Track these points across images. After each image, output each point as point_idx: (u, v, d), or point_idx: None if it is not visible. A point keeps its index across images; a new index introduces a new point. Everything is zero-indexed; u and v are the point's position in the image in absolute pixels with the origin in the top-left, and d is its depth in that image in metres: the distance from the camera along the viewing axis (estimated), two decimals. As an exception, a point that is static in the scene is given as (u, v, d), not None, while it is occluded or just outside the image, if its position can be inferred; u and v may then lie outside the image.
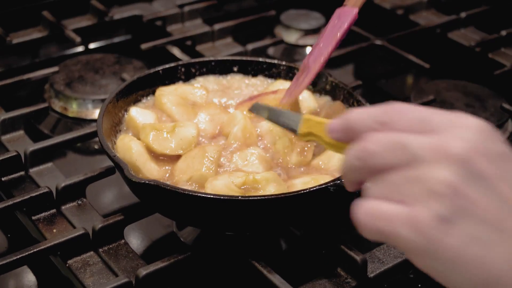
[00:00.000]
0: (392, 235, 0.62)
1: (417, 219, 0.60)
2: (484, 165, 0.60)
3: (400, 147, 0.62)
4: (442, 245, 0.59)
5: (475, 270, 0.60)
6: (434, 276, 0.63)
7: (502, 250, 0.59)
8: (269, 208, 0.90)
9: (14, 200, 1.01)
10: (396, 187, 0.62)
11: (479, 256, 0.59)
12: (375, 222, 0.63)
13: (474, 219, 0.59)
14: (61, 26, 1.53)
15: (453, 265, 0.60)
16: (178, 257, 0.92)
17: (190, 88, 1.13)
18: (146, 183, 0.87)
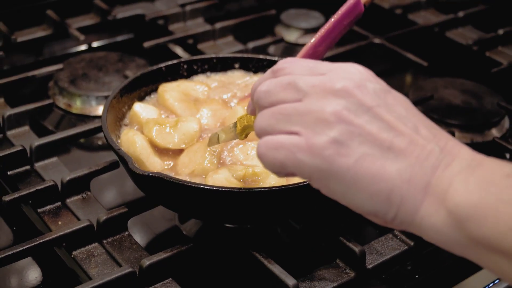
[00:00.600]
0: (292, 162, 0.70)
1: (313, 144, 0.69)
2: (365, 96, 0.70)
3: (292, 85, 0.72)
4: (338, 164, 0.68)
5: (372, 185, 0.67)
6: (339, 198, 0.70)
7: (392, 165, 0.67)
8: (270, 200, 0.92)
9: (20, 193, 1.03)
10: (290, 118, 0.71)
11: (373, 172, 0.67)
12: (275, 153, 0.71)
13: (362, 140, 0.68)
14: (65, 25, 1.55)
15: (352, 183, 0.68)
16: (181, 248, 0.94)
17: (192, 84, 1.15)
18: (150, 175, 0.89)
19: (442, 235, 0.67)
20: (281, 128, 0.71)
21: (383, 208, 0.68)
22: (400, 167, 0.67)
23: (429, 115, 1.32)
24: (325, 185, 0.70)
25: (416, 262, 1.01)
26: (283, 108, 0.72)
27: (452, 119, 1.31)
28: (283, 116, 0.72)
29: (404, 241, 1.01)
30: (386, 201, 0.68)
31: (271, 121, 0.73)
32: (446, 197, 0.66)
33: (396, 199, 0.67)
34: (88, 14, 1.62)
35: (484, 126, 1.32)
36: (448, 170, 0.67)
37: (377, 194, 0.68)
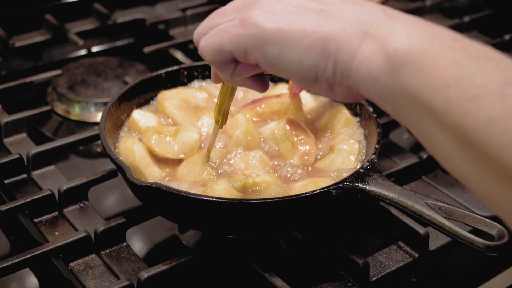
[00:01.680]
0: (228, 38, 0.74)
1: (245, 17, 0.73)
2: None
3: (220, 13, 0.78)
4: (268, 26, 0.71)
5: (304, 39, 0.69)
6: (278, 62, 0.72)
7: (325, 22, 0.70)
8: (271, 211, 0.89)
9: (16, 202, 1.01)
10: (224, 13, 0.76)
11: (305, 27, 0.69)
12: (213, 38, 0.75)
13: (293, 10, 0.71)
14: (64, 30, 1.53)
15: (285, 41, 0.71)
16: (180, 260, 0.92)
17: (192, 91, 1.13)
18: (148, 186, 0.87)
19: (377, 83, 0.66)
20: (218, 22, 0.76)
21: (320, 61, 0.69)
22: (333, 22, 0.69)
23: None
24: (261, 53, 0.72)
25: (421, 275, 0.99)
26: (216, 11, 0.78)
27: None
28: (218, 14, 0.77)
29: (409, 252, 0.99)
30: (322, 53, 0.69)
31: (208, 22, 0.78)
32: (386, 43, 0.66)
33: (332, 48, 0.68)
34: (88, 19, 1.60)
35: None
36: (390, 21, 0.67)
37: (312, 46, 0.69)
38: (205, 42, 0.77)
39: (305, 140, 1.03)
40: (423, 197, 0.87)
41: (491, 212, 1.08)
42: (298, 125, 1.04)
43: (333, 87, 0.72)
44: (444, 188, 1.13)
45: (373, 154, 0.95)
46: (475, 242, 0.81)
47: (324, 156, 1.03)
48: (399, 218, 1.00)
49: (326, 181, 0.95)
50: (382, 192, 0.89)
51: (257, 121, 1.07)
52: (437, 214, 0.85)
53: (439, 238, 1.01)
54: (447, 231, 0.84)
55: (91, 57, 1.52)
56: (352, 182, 0.90)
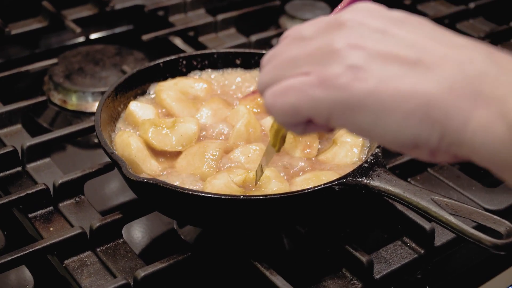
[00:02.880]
0: (305, 102, 0.61)
1: (325, 76, 0.60)
2: (376, 21, 0.61)
3: (294, 37, 0.65)
4: (358, 90, 0.59)
5: (403, 104, 0.57)
6: (371, 132, 0.61)
7: (425, 80, 0.57)
8: (271, 207, 0.87)
9: (10, 197, 0.98)
10: (295, 62, 0.63)
11: (401, 90, 0.58)
12: (285, 99, 0.63)
13: (382, 61, 0.59)
14: (61, 17, 1.49)
15: (379, 109, 0.58)
16: (178, 258, 0.89)
17: (190, 81, 1.10)
18: (144, 182, 0.85)
19: (497, 155, 0.56)
20: (287, 75, 0.63)
21: (424, 130, 0.58)
22: (435, 79, 0.57)
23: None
24: (350, 120, 0.60)
25: (426, 272, 0.96)
26: (286, 55, 0.64)
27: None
28: (287, 62, 0.64)
29: (414, 248, 0.96)
30: (426, 120, 0.57)
31: (275, 72, 0.64)
32: (505, 107, 0.54)
33: (438, 114, 0.57)
34: (85, 5, 1.56)
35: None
36: (504, 75, 0.56)
37: (413, 113, 0.57)
38: (274, 100, 0.64)
39: (307, 132, 1.00)
40: (429, 192, 0.84)
41: (498, 206, 1.05)
42: (300, 117, 1.01)
43: (436, 154, 0.60)
44: (450, 181, 1.10)
45: (377, 147, 0.93)
46: (482, 240, 0.79)
47: (327, 148, 1.00)
48: (404, 213, 0.97)
49: (329, 175, 0.93)
50: (386, 187, 0.86)
51: (258, 113, 1.04)
52: (443, 210, 0.82)
53: (445, 234, 0.98)
54: (454, 228, 0.81)
55: (89, 44, 1.49)
56: (356, 177, 0.87)
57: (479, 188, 1.09)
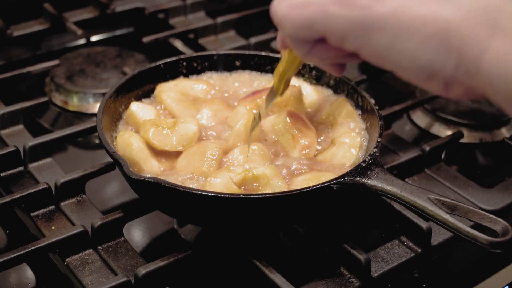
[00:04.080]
0: (322, 16, 0.60)
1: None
2: None
3: None
4: (377, 12, 0.58)
5: (422, 28, 0.57)
6: (385, 55, 0.60)
7: (445, 6, 0.57)
8: (271, 206, 0.88)
9: (12, 196, 0.99)
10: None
11: (421, 14, 0.57)
12: (302, 10, 0.61)
13: None
14: (63, 19, 1.51)
15: (397, 31, 0.58)
16: (178, 256, 0.90)
17: (191, 83, 1.11)
18: (145, 181, 0.86)
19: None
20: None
21: (440, 56, 0.57)
22: (455, 6, 0.56)
23: (437, 114, 1.28)
24: (366, 42, 0.59)
25: (424, 270, 0.97)
26: None
27: (460, 118, 1.27)
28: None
29: (411, 247, 0.97)
30: (443, 46, 0.56)
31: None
32: None
33: (455, 40, 0.56)
34: (87, 8, 1.58)
35: (493, 125, 1.28)
36: None
37: (431, 38, 0.57)
38: (289, 10, 0.62)
39: (306, 133, 1.01)
40: (425, 191, 0.85)
41: (495, 206, 1.06)
42: (298, 117, 1.03)
43: (450, 86, 0.59)
44: (447, 181, 1.12)
45: (375, 147, 0.94)
46: (478, 238, 0.80)
47: (325, 149, 1.01)
48: (401, 212, 0.98)
49: (328, 175, 0.94)
50: (384, 186, 0.87)
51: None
52: (440, 209, 0.83)
53: (442, 233, 0.99)
54: (450, 227, 0.82)
55: (90, 46, 1.50)
56: (354, 177, 0.88)
57: (476, 188, 1.10)
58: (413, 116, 1.32)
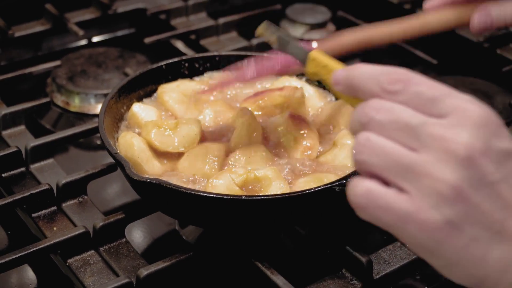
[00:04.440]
0: (398, 229, 0.62)
1: (427, 219, 0.60)
2: (488, 168, 0.60)
3: (409, 129, 0.62)
4: (447, 246, 0.61)
5: (470, 269, 0.61)
6: (432, 264, 0.64)
7: (495, 251, 0.61)
8: (273, 208, 0.88)
9: (14, 197, 0.99)
10: (402, 172, 0.61)
11: (478, 257, 0.61)
12: (380, 214, 0.62)
13: (475, 221, 0.60)
14: (64, 19, 1.51)
15: (453, 263, 0.61)
16: (180, 257, 0.90)
17: (193, 84, 1.11)
18: (147, 182, 0.86)
19: None
20: (389, 178, 0.62)
21: (474, 286, 0.63)
22: (501, 254, 0.61)
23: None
24: (423, 254, 0.63)
25: (426, 272, 0.97)
26: (395, 152, 0.62)
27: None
28: (394, 163, 0.61)
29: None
30: (479, 284, 0.62)
31: (379, 160, 0.62)
32: None
33: (489, 284, 0.62)
34: (88, 8, 1.58)
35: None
36: None
37: (472, 277, 0.62)
38: (366, 206, 0.63)
39: (308, 134, 1.01)
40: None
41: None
42: (300, 119, 1.03)
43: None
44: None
45: (377, 149, 0.93)
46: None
47: (327, 150, 1.01)
48: (403, 215, 0.98)
49: (330, 177, 0.94)
50: (386, 188, 0.87)
51: (259, 115, 1.05)
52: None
53: (443, 235, 0.99)
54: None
55: (92, 47, 1.50)
56: (356, 178, 0.88)
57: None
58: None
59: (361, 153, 0.63)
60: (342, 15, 1.66)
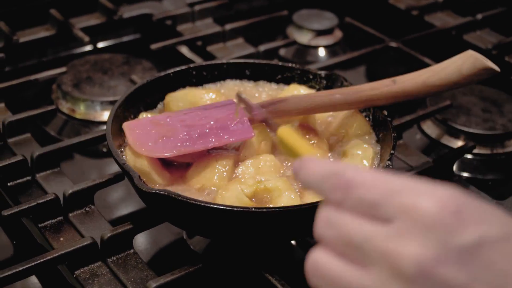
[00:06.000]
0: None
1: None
2: (448, 274, 0.52)
3: (351, 244, 0.56)
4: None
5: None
6: None
7: None
8: (283, 219, 0.87)
9: (20, 207, 0.98)
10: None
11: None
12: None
13: None
14: (69, 25, 1.50)
15: None
16: (189, 269, 0.89)
17: (200, 92, 1.10)
18: (156, 193, 0.85)
19: None
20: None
21: None
22: None
23: (448, 123, 1.27)
24: None
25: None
26: (343, 278, 0.57)
27: (472, 128, 1.26)
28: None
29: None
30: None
31: (330, 285, 0.57)
32: None
33: None
34: (93, 14, 1.57)
35: (505, 136, 1.26)
36: None
37: None
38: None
39: (317, 144, 1.00)
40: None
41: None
42: (310, 128, 1.02)
43: None
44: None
45: (389, 160, 0.93)
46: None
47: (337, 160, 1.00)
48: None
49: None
50: (398, 200, 0.85)
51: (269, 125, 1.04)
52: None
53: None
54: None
55: (97, 53, 1.49)
56: (367, 190, 0.87)
57: (488, 200, 1.09)
58: (424, 126, 1.31)
59: (314, 277, 0.59)
60: (349, 21, 1.65)
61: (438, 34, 1.59)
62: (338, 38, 1.59)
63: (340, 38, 1.60)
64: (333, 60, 1.43)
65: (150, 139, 0.95)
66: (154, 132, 0.96)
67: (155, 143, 0.94)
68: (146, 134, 0.96)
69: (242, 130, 0.96)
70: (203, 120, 0.97)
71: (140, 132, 0.96)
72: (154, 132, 0.96)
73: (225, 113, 0.98)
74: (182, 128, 0.95)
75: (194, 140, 0.94)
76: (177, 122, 0.97)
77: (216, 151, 0.97)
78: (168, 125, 0.96)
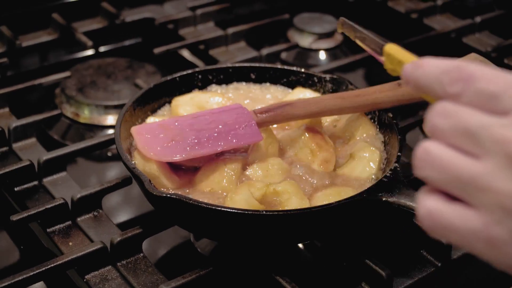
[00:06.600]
0: (466, 247, 0.58)
1: (494, 236, 0.56)
2: None
3: (466, 133, 0.57)
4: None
5: None
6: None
7: None
8: (292, 222, 0.87)
9: (28, 212, 0.98)
10: (460, 183, 0.57)
11: None
12: (447, 234, 0.59)
13: None
14: (71, 29, 1.50)
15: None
16: (200, 272, 0.89)
17: (207, 96, 1.10)
18: (167, 197, 0.85)
19: None
20: (453, 193, 0.58)
21: None
22: None
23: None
24: (491, 262, 0.58)
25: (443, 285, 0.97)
26: (455, 165, 0.57)
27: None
28: (454, 178, 0.57)
29: (431, 262, 0.97)
30: None
31: (439, 175, 0.58)
32: None
33: None
34: (95, 18, 1.57)
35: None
36: None
37: None
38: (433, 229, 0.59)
39: (324, 147, 1.00)
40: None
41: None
42: (316, 131, 1.02)
43: None
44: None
45: (396, 162, 0.93)
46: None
47: (344, 163, 1.00)
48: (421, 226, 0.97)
49: (347, 190, 0.93)
50: (406, 202, 0.86)
51: (275, 128, 1.05)
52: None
53: (461, 248, 0.99)
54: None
55: (99, 57, 1.49)
56: (376, 193, 0.88)
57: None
58: (427, 128, 1.31)
59: (421, 169, 0.59)
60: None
61: (437, 37, 1.59)
62: (339, 41, 1.60)
63: (340, 41, 1.60)
64: (334, 63, 1.44)
65: (158, 143, 0.95)
66: (162, 136, 0.96)
67: (164, 147, 0.95)
68: (154, 138, 0.96)
69: (251, 133, 0.97)
70: (211, 124, 0.97)
71: (148, 136, 0.96)
72: (163, 136, 0.96)
73: (233, 117, 0.98)
74: (191, 132, 0.96)
75: (203, 144, 0.95)
76: (186, 126, 0.97)
77: (224, 154, 0.98)
78: (177, 129, 0.97)
